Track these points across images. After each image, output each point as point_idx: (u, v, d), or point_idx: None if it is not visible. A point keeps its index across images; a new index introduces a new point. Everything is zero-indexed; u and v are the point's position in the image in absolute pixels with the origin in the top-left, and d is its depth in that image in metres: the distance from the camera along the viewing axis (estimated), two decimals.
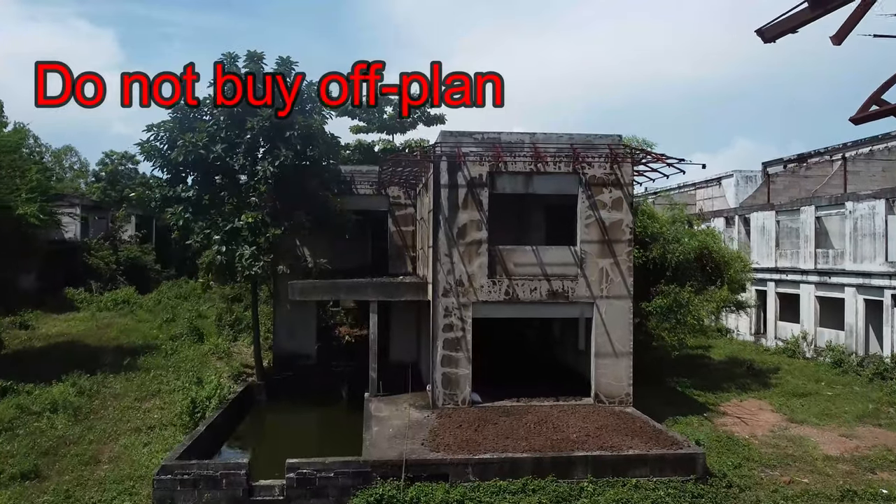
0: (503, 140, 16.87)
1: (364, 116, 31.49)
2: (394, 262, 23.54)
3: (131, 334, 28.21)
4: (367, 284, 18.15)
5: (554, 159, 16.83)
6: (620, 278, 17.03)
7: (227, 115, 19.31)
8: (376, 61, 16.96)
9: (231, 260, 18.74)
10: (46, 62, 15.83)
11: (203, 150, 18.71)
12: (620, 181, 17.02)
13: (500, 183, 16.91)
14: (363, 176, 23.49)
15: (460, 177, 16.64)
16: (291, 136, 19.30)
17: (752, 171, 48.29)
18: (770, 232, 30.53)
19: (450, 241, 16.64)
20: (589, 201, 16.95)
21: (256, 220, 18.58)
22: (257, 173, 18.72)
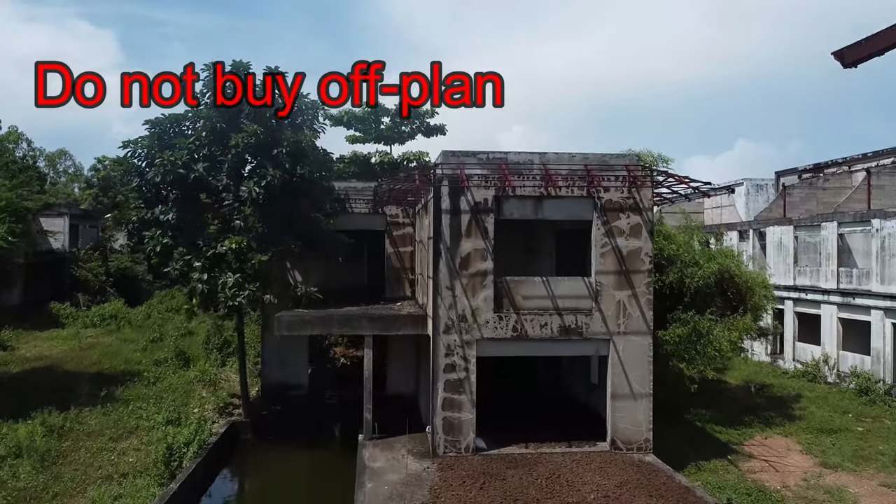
0: (510, 160, 15.34)
1: (360, 127, 29.96)
2: (391, 284, 22.03)
3: (114, 358, 26.65)
4: (361, 317, 16.61)
5: (566, 182, 15.31)
6: (639, 312, 15.50)
7: (209, 131, 17.77)
8: (376, 61, 16.84)
9: (214, 288, 17.20)
10: (46, 62, 15.87)
11: (183, 168, 17.18)
12: (639, 205, 15.49)
13: (507, 208, 15.38)
14: (358, 193, 21.98)
15: (463, 201, 15.12)
16: (280, 153, 17.77)
17: (762, 180, 46.79)
18: (788, 248, 28.99)
19: (452, 273, 15.11)
20: (604, 228, 15.42)
21: (241, 245, 17.03)
22: (242, 195, 17.18)
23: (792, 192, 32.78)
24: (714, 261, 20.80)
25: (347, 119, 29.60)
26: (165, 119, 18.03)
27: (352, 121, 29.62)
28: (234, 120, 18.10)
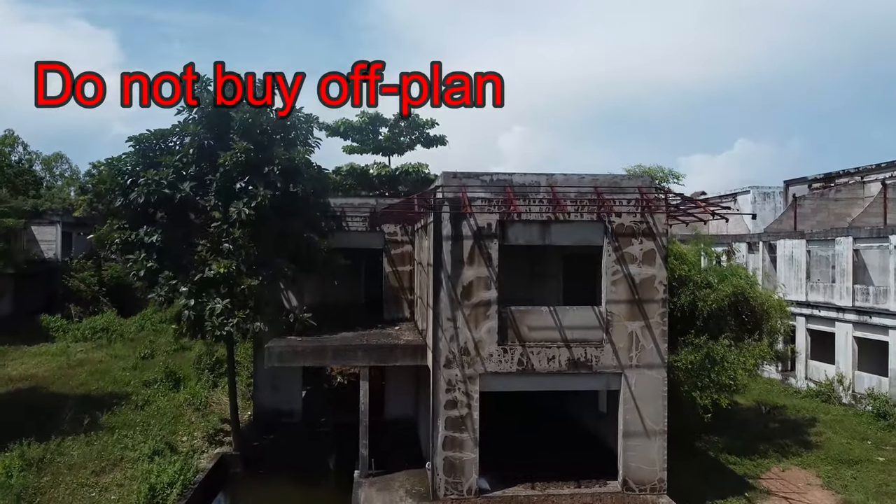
0: (515, 182, 14.39)
1: (357, 137, 28.97)
2: (389, 305, 21.07)
3: (102, 377, 25.68)
4: (356, 348, 15.67)
5: (575, 205, 14.35)
6: (653, 344, 14.54)
7: (196, 148, 16.82)
8: (376, 61, 16.77)
9: (201, 315, 16.25)
10: (46, 62, 15.83)
11: (168, 188, 16.23)
12: (653, 230, 14.54)
13: (513, 233, 14.43)
14: (355, 210, 21.02)
15: (465, 226, 14.16)
16: (271, 172, 16.82)
17: (769, 188, 45.82)
18: (800, 262, 28.04)
19: (453, 303, 14.15)
20: (616, 254, 14.47)
21: (230, 269, 16.08)
22: (231, 216, 16.23)
23: (803, 203, 31.82)
24: (727, 281, 19.87)
25: (344, 129, 28.62)
26: (151, 135, 17.10)
27: (349, 131, 28.65)
28: (223, 137, 17.17)
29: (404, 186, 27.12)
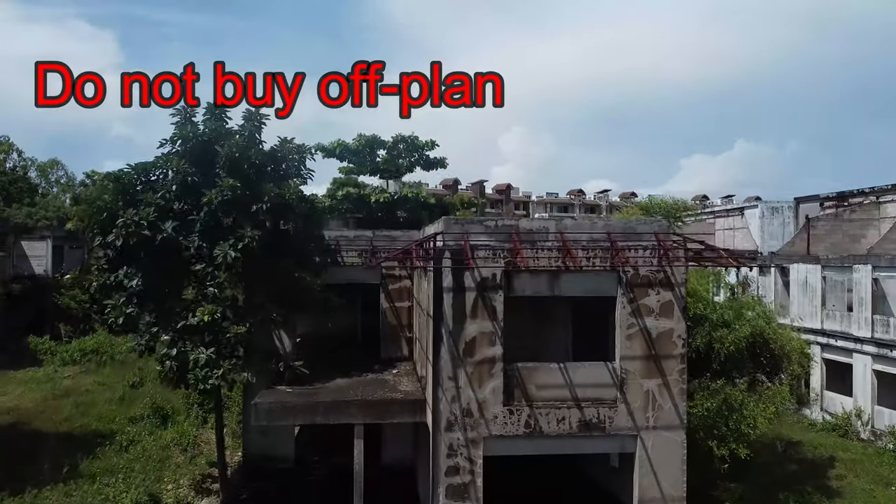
0: (522, 229, 13.30)
1: (354, 159, 27.84)
2: (387, 343, 19.97)
3: (87, 412, 24.58)
4: (350, 403, 14.55)
5: (586, 253, 13.25)
6: (671, 404, 13.45)
7: (180, 185, 15.71)
8: (376, 61, 16.72)
9: (184, 365, 15.14)
10: (46, 62, 15.72)
11: (149, 229, 15.11)
12: (670, 280, 13.44)
13: (519, 284, 13.33)
14: (350, 243, 19.91)
15: (468, 277, 13.06)
16: (259, 210, 15.70)
17: (778, 202, 44.70)
18: (815, 289, 26.93)
19: (454, 360, 13.05)
20: (631, 306, 13.37)
21: (214, 316, 14.97)
22: (216, 259, 15.12)
23: (816, 224, 30.71)
24: (744, 319, 18.78)
25: (340, 151, 27.54)
26: (132, 171, 15.98)
27: (345, 153, 27.56)
28: (208, 172, 16.05)
29: (403, 212, 26.06)
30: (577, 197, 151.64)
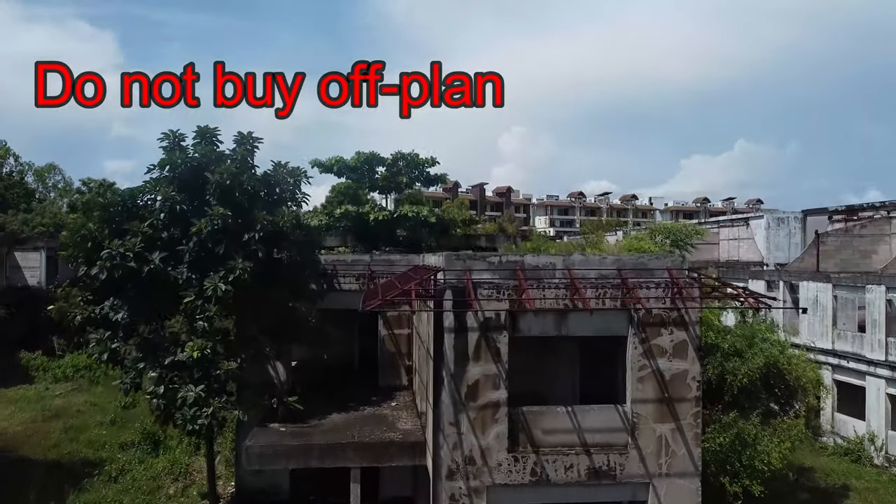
0: (527, 264, 12.57)
1: (352, 175, 27.12)
2: (385, 370, 19.26)
3: (77, 436, 23.83)
4: (346, 446, 13.84)
5: (596, 291, 12.52)
6: (685, 450, 12.72)
7: (168, 213, 14.99)
8: (376, 61, 16.70)
9: (171, 403, 14.43)
10: (46, 62, 15.65)
11: (135, 261, 14.40)
12: (684, 319, 12.72)
13: (524, 324, 12.61)
14: (348, 268, 19.20)
15: (470, 317, 12.34)
16: (251, 239, 14.99)
17: (784, 213, 44.09)
18: (825, 307, 26.21)
19: (456, 405, 12.33)
20: (643, 346, 12.65)
21: (204, 351, 14.25)
22: (206, 291, 14.40)
23: (825, 240, 29.98)
24: (757, 348, 18.05)
25: (338, 168, 26.83)
26: (118, 199, 15.27)
27: (343, 169, 26.84)
28: (198, 199, 15.36)
29: (403, 230, 25.34)
30: (578, 199, 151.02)
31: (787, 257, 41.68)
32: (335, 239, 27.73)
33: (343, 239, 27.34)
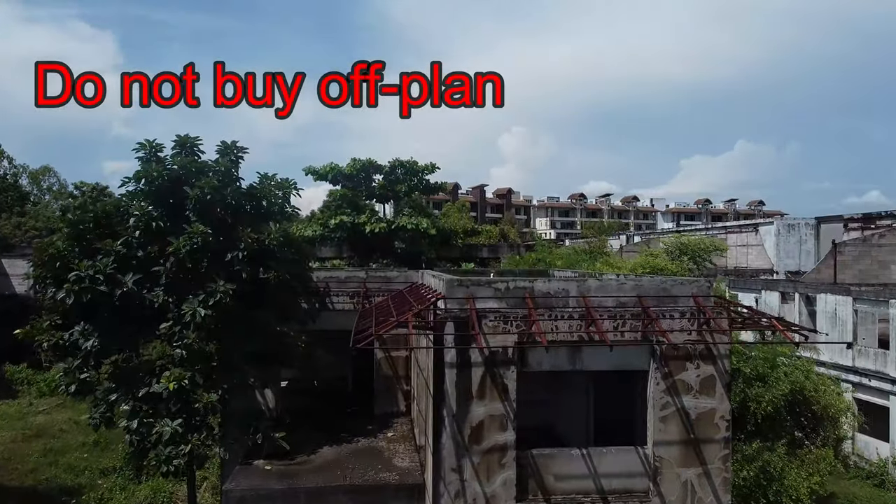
0: (538, 291, 11.31)
1: (348, 184, 25.82)
2: (381, 397, 17.98)
3: (57, 459, 22.61)
4: (337, 489, 12.56)
5: (614, 321, 11.27)
6: (713, 497, 11.46)
7: (143, 231, 13.71)
8: (376, 61, 16.58)
9: (146, 440, 13.16)
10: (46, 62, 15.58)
11: (106, 284, 13.13)
12: (712, 352, 11.46)
13: (534, 358, 11.34)
14: (341, 285, 17.95)
15: (475, 351, 11.07)
16: (234, 258, 13.73)
17: (794, 219, 42.86)
18: (845, 321, 24.95)
19: (459, 448, 11.07)
20: (666, 382, 11.39)
21: (182, 382, 12.99)
22: (184, 317, 13.14)
23: (843, 250, 28.72)
24: (780, 371, 16.81)
25: (333, 175, 25.54)
26: (89, 216, 13.99)
27: (338, 177, 25.54)
28: (177, 215, 14.09)
29: (401, 242, 24.04)
30: (579, 201, 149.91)
31: (798, 265, 40.45)
32: (330, 250, 26.51)
33: (339, 250, 26.10)
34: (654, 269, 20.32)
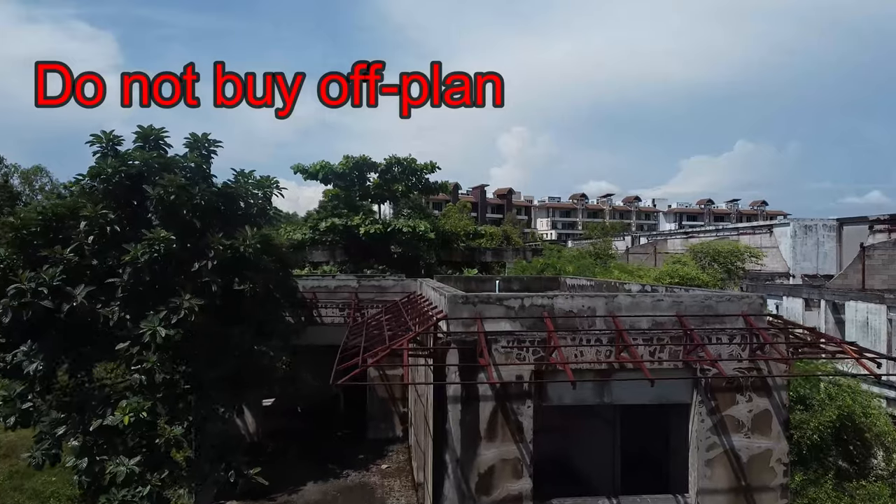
0: (558, 309, 9.44)
1: (341, 183, 23.91)
2: (375, 420, 16.14)
3: (22, 484, 20.61)
4: None
5: (649, 344, 9.40)
6: None
7: (98, 236, 11.85)
8: (376, 61, 16.75)
9: (98, 481, 11.30)
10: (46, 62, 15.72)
11: (52, 298, 11.25)
12: (767, 383, 9.60)
13: (555, 389, 9.47)
14: (331, 296, 16.11)
15: (482, 377, 9.20)
16: (203, 268, 11.86)
17: (811, 220, 41.00)
18: (878, 332, 23.08)
19: (464, 499, 9.19)
20: (712, 419, 9.51)
21: (140, 414, 11.11)
22: (143, 337, 11.26)
23: (872, 254, 26.85)
24: (825, 394, 14.94)
25: (324, 174, 23.63)
26: (37, 219, 12.11)
27: (330, 176, 23.63)
28: (137, 218, 12.23)
29: (398, 246, 22.14)
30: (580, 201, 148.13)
31: (815, 268, 38.62)
32: (323, 254, 24.65)
33: (331, 254, 24.24)
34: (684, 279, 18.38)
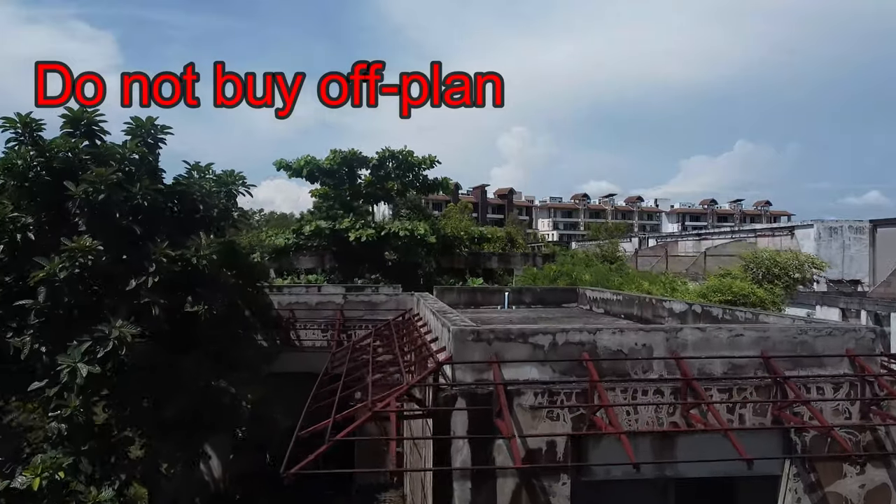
0: (601, 347, 6.95)
1: (329, 182, 21.40)
2: (364, 464, 13.65)
3: None
4: None
5: (727, 396, 6.91)
6: None
7: (7, 246, 9.35)
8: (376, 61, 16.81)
9: None
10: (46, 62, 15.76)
11: None
12: (883, 443, 7.11)
13: (599, 456, 6.98)
14: (312, 313, 13.62)
15: (501, 445, 6.72)
16: (141, 287, 9.36)
17: (836, 222, 38.78)
18: None
19: None
20: (810, 497, 7.03)
21: (56, 476, 8.65)
22: (61, 376, 8.76)
23: None
24: None
25: (309, 171, 21.14)
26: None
27: (316, 172, 21.14)
28: (59, 223, 9.73)
29: (393, 252, 19.65)
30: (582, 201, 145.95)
31: (841, 273, 36.39)
32: (311, 260, 22.20)
33: (320, 260, 21.81)
34: (737, 295, 15.90)
